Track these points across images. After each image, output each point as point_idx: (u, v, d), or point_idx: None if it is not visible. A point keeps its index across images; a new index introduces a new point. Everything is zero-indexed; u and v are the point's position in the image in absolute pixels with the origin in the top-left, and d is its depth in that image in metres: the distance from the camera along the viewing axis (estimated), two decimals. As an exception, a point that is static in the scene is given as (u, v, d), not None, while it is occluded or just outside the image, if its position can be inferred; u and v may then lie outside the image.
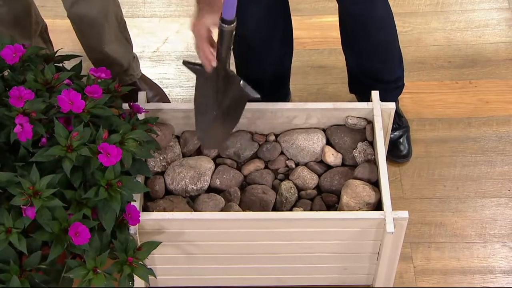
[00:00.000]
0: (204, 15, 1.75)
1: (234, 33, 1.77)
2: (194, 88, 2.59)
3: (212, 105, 1.93)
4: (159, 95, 2.50)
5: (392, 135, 2.32)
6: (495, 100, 2.53)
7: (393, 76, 2.29)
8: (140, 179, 1.90)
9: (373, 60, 2.22)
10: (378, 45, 2.19)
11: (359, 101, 2.32)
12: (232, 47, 2.25)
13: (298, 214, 1.89)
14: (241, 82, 1.87)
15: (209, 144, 2.05)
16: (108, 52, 2.33)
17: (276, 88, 2.38)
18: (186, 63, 1.94)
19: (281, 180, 2.05)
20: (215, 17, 1.75)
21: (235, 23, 1.75)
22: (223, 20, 1.74)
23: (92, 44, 2.33)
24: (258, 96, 1.88)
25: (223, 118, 1.94)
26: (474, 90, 2.55)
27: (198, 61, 1.87)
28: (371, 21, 2.13)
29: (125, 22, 2.37)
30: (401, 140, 2.36)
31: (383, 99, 2.03)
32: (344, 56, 2.30)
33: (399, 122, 2.37)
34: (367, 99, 2.05)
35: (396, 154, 2.36)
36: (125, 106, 1.91)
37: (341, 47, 2.28)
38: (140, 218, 1.77)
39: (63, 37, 2.60)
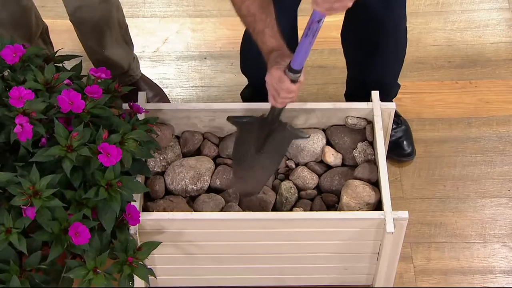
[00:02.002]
0: (280, 62, 1.76)
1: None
2: (193, 88, 2.61)
3: (251, 153, 1.96)
4: (159, 95, 2.50)
5: (391, 132, 2.31)
6: (495, 100, 2.53)
7: (395, 80, 2.29)
8: (140, 179, 1.90)
9: (386, 67, 2.21)
10: (396, 47, 2.19)
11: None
12: (240, 53, 2.26)
13: (298, 214, 1.89)
14: (288, 125, 1.94)
15: (246, 192, 2.00)
16: (109, 56, 2.33)
17: None
18: (231, 119, 1.98)
19: (281, 180, 2.05)
20: (288, 61, 1.76)
21: (300, 74, 1.75)
22: (290, 69, 1.74)
23: (93, 46, 2.33)
24: (308, 136, 1.97)
25: (263, 163, 1.96)
26: (474, 90, 2.56)
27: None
28: (398, 25, 2.13)
29: (127, 26, 2.38)
30: (403, 138, 2.36)
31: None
32: (346, 65, 2.29)
33: (398, 121, 2.37)
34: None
35: (400, 153, 2.36)
36: (125, 106, 1.91)
37: (340, 47, 2.27)
38: (140, 218, 1.77)
39: (63, 37, 2.60)
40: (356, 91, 2.32)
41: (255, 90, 2.32)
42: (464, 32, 2.71)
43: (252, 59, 2.16)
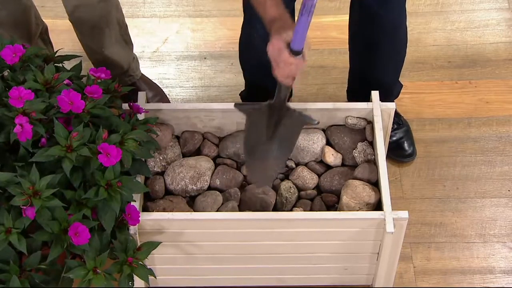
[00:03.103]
0: (281, 33, 1.71)
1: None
2: (193, 88, 2.61)
3: (262, 142, 1.93)
4: (159, 95, 2.50)
5: (392, 133, 2.32)
6: (495, 100, 2.53)
7: (395, 78, 2.29)
8: (140, 179, 1.90)
9: (387, 66, 2.21)
10: (396, 47, 2.18)
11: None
12: (240, 56, 2.25)
13: (298, 214, 1.89)
14: (296, 111, 1.89)
15: (261, 182, 2.00)
16: (108, 55, 2.33)
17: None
18: (237, 105, 1.96)
19: (281, 180, 2.05)
20: (290, 33, 1.71)
21: (301, 55, 1.71)
22: (291, 50, 1.70)
23: (92, 46, 2.33)
24: (317, 121, 1.91)
25: (275, 151, 1.94)
26: (474, 90, 2.56)
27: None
28: (398, 26, 2.12)
29: (126, 25, 2.37)
30: (404, 139, 2.36)
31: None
32: (349, 60, 2.29)
33: (399, 121, 2.37)
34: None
35: (401, 154, 2.36)
36: (125, 106, 1.91)
37: (340, 47, 2.27)
38: (140, 218, 1.77)
39: (63, 37, 2.60)
40: (357, 86, 2.32)
41: (251, 89, 2.32)
42: (464, 32, 2.71)
43: (249, 51, 2.16)
